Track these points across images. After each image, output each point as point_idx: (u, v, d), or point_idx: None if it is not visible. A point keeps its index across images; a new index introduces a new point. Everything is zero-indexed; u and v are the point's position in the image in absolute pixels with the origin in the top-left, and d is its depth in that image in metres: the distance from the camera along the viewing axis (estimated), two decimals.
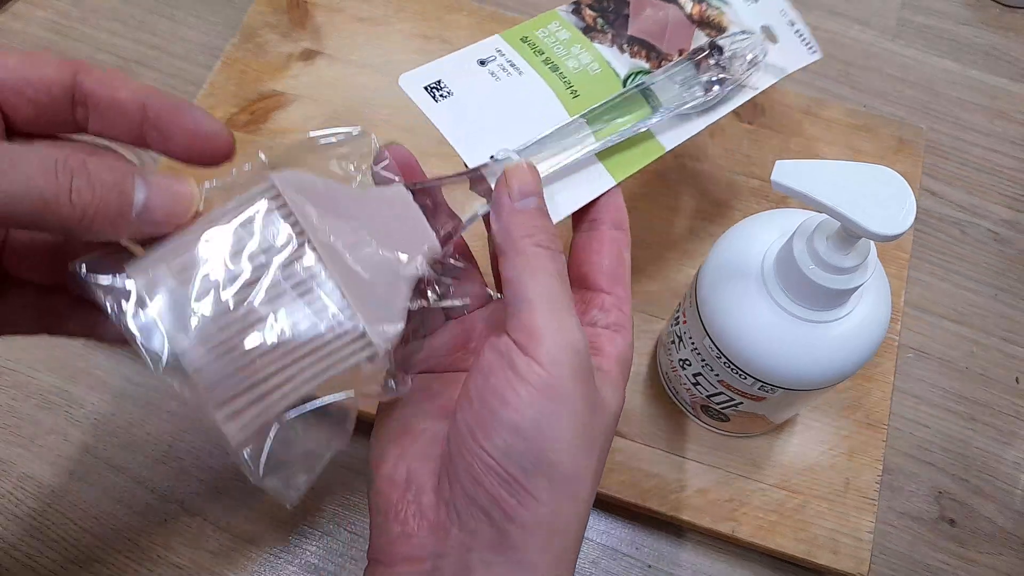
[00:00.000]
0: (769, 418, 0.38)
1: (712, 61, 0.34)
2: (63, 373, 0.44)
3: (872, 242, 0.29)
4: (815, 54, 0.38)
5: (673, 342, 0.39)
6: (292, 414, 0.22)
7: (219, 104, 0.49)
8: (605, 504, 0.42)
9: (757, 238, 0.33)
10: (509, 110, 0.30)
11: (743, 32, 0.35)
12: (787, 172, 0.28)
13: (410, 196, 0.26)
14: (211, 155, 0.25)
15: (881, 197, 0.27)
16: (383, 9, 0.52)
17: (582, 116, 0.30)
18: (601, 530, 0.42)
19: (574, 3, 0.35)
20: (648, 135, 0.32)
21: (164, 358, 0.22)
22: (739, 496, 0.40)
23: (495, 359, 0.25)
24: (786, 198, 0.47)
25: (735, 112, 0.49)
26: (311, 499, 0.42)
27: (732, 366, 0.34)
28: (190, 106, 0.25)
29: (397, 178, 0.26)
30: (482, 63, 0.31)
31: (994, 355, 0.47)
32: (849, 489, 0.41)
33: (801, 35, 0.38)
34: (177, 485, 0.41)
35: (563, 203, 0.29)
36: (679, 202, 0.47)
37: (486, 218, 0.27)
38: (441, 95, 0.30)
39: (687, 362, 0.37)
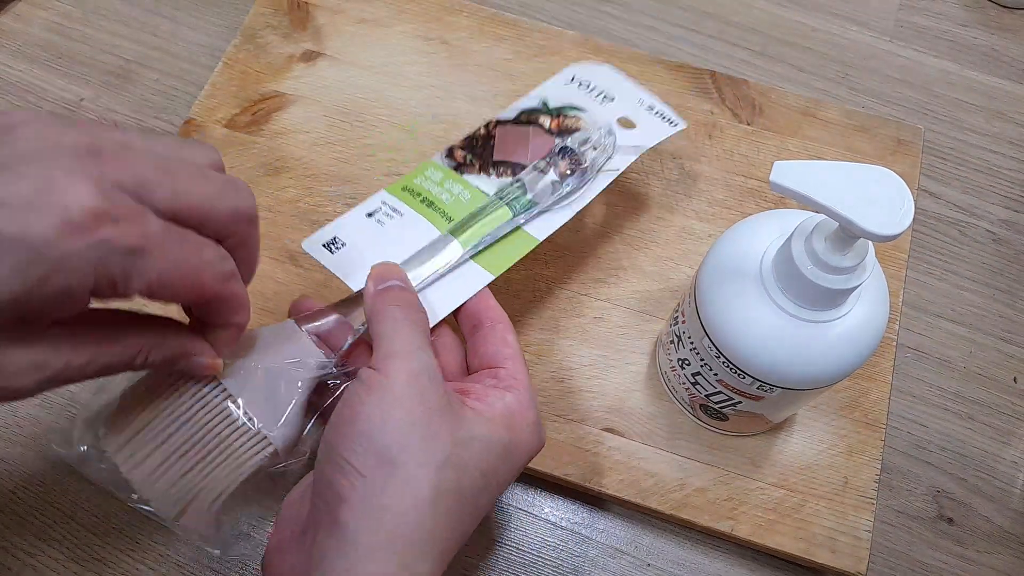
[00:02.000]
0: (768, 417, 0.38)
1: (562, 159, 0.39)
2: None
3: (870, 242, 0.29)
4: (676, 126, 0.42)
5: (672, 342, 0.39)
6: (219, 504, 0.30)
7: (220, 105, 0.49)
8: (604, 503, 0.42)
9: (756, 238, 0.33)
10: (392, 244, 0.36)
11: (595, 127, 0.40)
12: (785, 173, 0.28)
13: (295, 325, 0.32)
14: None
15: (879, 197, 0.27)
16: (384, 11, 0.52)
17: (447, 232, 0.36)
18: (601, 528, 0.42)
19: (448, 148, 0.41)
20: (520, 232, 0.37)
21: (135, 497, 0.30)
22: (738, 495, 0.40)
23: (354, 383, 0.29)
24: (784, 198, 0.47)
25: (734, 113, 0.50)
26: None
27: (731, 366, 0.34)
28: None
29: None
30: (370, 215, 0.38)
31: (992, 355, 0.47)
32: (847, 488, 0.41)
33: (661, 114, 0.42)
34: None
35: (444, 301, 0.35)
36: (677, 202, 0.47)
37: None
38: (336, 247, 0.37)
39: (686, 362, 0.38)
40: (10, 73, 0.52)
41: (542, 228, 0.37)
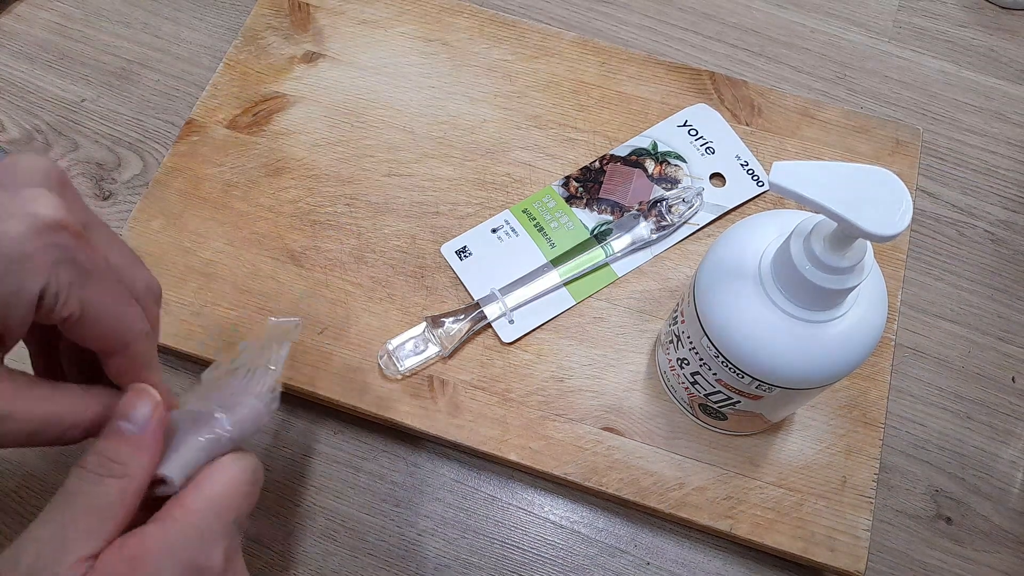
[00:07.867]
0: (767, 416, 0.39)
1: (655, 212, 0.46)
2: None
3: (869, 243, 0.30)
4: (762, 187, 0.47)
5: (671, 341, 0.39)
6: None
7: (222, 106, 0.49)
8: (603, 502, 0.42)
9: (754, 238, 0.34)
10: (507, 260, 0.45)
11: (687, 187, 0.47)
12: (784, 173, 0.28)
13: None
14: None
15: (878, 198, 0.27)
16: (385, 11, 0.52)
17: (549, 262, 0.45)
18: (599, 527, 0.42)
19: (564, 178, 0.47)
20: (606, 266, 0.45)
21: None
22: (737, 494, 0.41)
23: None
24: (783, 199, 0.47)
25: (732, 114, 0.50)
26: (309, 496, 0.42)
27: (730, 365, 0.34)
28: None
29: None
30: (494, 231, 0.46)
31: (990, 354, 0.47)
32: (846, 487, 0.41)
33: (752, 172, 0.48)
34: None
35: (532, 319, 0.43)
36: None
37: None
38: (465, 255, 0.45)
39: (685, 361, 0.38)
40: (11, 73, 0.53)
41: (624, 265, 0.45)
